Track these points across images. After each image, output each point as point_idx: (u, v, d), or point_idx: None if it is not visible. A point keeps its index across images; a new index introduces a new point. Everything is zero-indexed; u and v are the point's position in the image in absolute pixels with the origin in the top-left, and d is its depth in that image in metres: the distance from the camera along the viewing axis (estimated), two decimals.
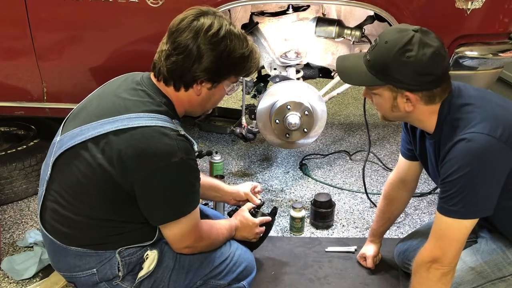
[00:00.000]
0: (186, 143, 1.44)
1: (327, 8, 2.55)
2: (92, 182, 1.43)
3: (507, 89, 3.96)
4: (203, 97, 1.53)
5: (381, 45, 1.44)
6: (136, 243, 1.52)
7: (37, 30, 2.27)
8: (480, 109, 1.46)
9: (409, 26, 1.44)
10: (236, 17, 2.54)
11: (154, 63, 1.52)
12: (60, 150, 1.48)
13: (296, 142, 2.48)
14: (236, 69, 1.53)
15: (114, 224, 1.48)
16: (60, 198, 1.48)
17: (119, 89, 1.52)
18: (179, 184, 1.44)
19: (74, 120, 1.52)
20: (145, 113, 1.42)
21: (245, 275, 1.72)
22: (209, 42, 1.43)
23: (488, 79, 2.44)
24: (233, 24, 1.50)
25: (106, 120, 1.43)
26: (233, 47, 1.46)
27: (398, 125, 3.58)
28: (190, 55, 1.43)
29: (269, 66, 2.55)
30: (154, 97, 1.48)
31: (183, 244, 1.54)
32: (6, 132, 2.88)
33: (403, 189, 1.93)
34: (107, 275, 1.52)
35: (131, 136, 1.39)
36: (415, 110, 1.49)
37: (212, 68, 1.46)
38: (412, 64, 1.39)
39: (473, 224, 1.45)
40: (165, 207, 1.46)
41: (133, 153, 1.38)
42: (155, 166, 1.38)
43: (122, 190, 1.42)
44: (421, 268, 1.51)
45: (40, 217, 1.55)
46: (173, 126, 1.44)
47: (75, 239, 1.50)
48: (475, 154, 1.39)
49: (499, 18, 2.29)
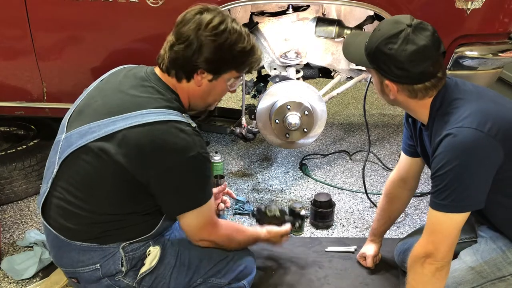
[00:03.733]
0: (200, 137, 1.49)
1: (327, 8, 2.55)
2: (105, 176, 1.45)
3: (507, 89, 3.96)
4: (204, 89, 1.55)
5: (375, 31, 1.51)
6: (138, 235, 1.54)
7: (37, 30, 2.27)
8: (471, 103, 1.46)
9: (409, 19, 1.46)
10: (236, 17, 2.54)
11: (159, 55, 1.56)
12: (70, 148, 1.49)
13: (296, 142, 2.49)
14: (237, 63, 1.55)
15: (119, 218, 1.50)
16: (68, 194, 1.50)
17: (123, 86, 1.53)
18: (196, 177, 1.49)
19: (80, 117, 1.53)
20: (158, 109, 1.45)
21: (245, 275, 1.72)
22: (210, 34, 1.47)
23: (488, 79, 2.44)
24: (236, 21, 1.53)
25: (118, 117, 1.45)
26: (234, 40, 1.50)
27: (398, 125, 3.58)
28: (191, 45, 1.47)
29: (269, 66, 2.55)
30: (164, 93, 1.51)
31: (200, 236, 1.58)
32: (6, 132, 2.88)
33: (404, 188, 1.94)
34: (110, 270, 1.54)
35: (148, 130, 1.42)
36: (401, 99, 1.54)
37: (212, 59, 1.49)
38: (392, 56, 1.44)
39: (465, 218, 1.46)
40: (183, 198, 1.50)
41: (152, 147, 1.41)
42: (174, 161, 1.42)
43: (137, 183, 1.45)
44: (416, 263, 1.51)
45: (43, 214, 1.56)
46: (186, 120, 1.48)
47: (80, 234, 1.51)
48: (462, 148, 1.39)
49: (499, 18, 2.29)
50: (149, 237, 1.57)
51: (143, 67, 1.62)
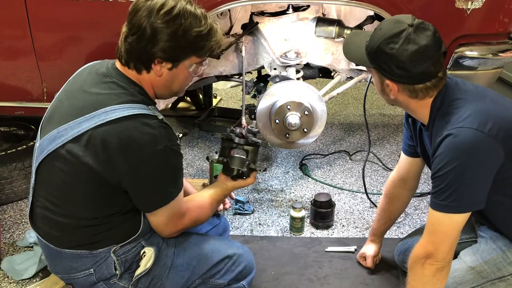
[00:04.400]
0: (167, 129, 1.45)
1: (327, 8, 2.55)
2: (77, 181, 1.43)
3: (507, 89, 3.96)
4: (165, 78, 1.50)
5: (376, 31, 1.50)
6: (126, 237, 1.52)
7: (37, 30, 2.28)
8: (471, 104, 1.46)
9: (410, 18, 1.45)
10: (236, 17, 2.54)
11: (117, 48, 1.50)
12: (42, 155, 1.47)
13: (296, 142, 2.48)
14: (195, 48, 1.47)
15: (100, 221, 1.48)
16: (48, 203, 1.48)
17: (86, 85, 1.50)
18: (166, 171, 1.45)
19: (49, 122, 1.51)
20: (121, 105, 1.41)
21: (245, 275, 1.71)
22: (162, 21, 1.40)
23: (488, 79, 2.44)
24: (191, 2, 1.46)
25: (83, 118, 1.41)
26: (188, 25, 1.42)
27: (398, 125, 3.58)
28: (144, 34, 1.41)
29: (269, 66, 2.55)
30: (126, 87, 1.46)
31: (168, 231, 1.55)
32: (6, 132, 2.88)
33: (404, 188, 1.94)
34: (104, 275, 1.52)
35: (112, 128, 1.38)
36: (401, 99, 1.53)
37: (168, 47, 1.43)
38: (393, 56, 1.44)
39: (465, 218, 1.45)
40: (155, 194, 1.47)
41: (117, 144, 1.38)
42: (140, 156, 1.39)
43: (109, 184, 1.42)
44: (416, 264, 1.51)
45: (32, 224, 1.56)
46: (151, 113, 1.44)
47: (67, 242, 1.50)
48: (463, 148, 1.39)
49: (499, 18, 2.29)
50: (138, 237, 1.54)
51: (105, 61, 1.56)
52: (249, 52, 2.54)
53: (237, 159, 1.69)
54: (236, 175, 1.69)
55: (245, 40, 2.49)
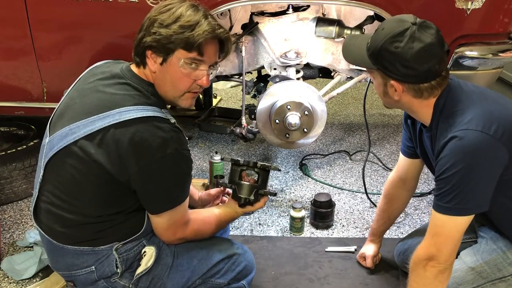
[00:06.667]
0: (179, 133, 1.47)
1: (327, 8, 2.54)
2: (87, 178, 1.44)
3: (507, 89, 3.96)
4: (158, 76, 1.51)
5: (378, 31, 1.49)
6: (129, 235, 1.53)
7: (37, 30, 2.28)
8: (476, 105, 1.46)
9: (412, 17, 1.45)
10: (236, 17, 2.54)
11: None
12: (52, 151, 1.48)
13: (296, 142, 2.48)
14: (179, 40, 1.46)
15: (105, 218, 1.49)
16: (54, 198, 1.49)
17: (101, 84, 1.52)
18: (175, 175, 1.47)
19: (61, 119, 1.52)
20: (135, 106, 1.44)
21: (245, 275, 1.71)
22: (156, 12, 1.48)
23: (488, 79, 2.44)
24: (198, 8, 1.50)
25: (96, 117, 1.44)
26: (176, 16, 1.47)
27: (398, 125, 3.59)
28: (143, 25, 1.50)
29: (269, 66, 2.55)
30: (140, 89, 1.49)
31: (170, 235, 1.56)
32: (6, 132, 2.88)
33: (403, 188, 1.94)
34: (105, 273, 1.53)
35: (126, 129, 1.40)
36: (405, 100, 1.51)
37: (157, 36, 1.47)
38: (398, 55, 1.42)
39: (468, 221, 1.45)
40: (163, 197, 1.49)
41: (129, 145, 1.40)
42: (151, 159, 1.41)
43: (118, 182, 1.44)
44: (418, 266, 1.51)
45: (36, 219, 1.56)
46: (164, 116, 1.46)
47: (70, 238, 1.51)
48: (468, 151, 1.39)
49: (499, 18, 2.29)
50: (140, 236, 1.55)
51: (119, 63, 1.60)
52: (249, 52, 2.54)
53: (245, 186, 1.69)
54: (244, 203, 1.70)
55: (245, 40, 2.49)
